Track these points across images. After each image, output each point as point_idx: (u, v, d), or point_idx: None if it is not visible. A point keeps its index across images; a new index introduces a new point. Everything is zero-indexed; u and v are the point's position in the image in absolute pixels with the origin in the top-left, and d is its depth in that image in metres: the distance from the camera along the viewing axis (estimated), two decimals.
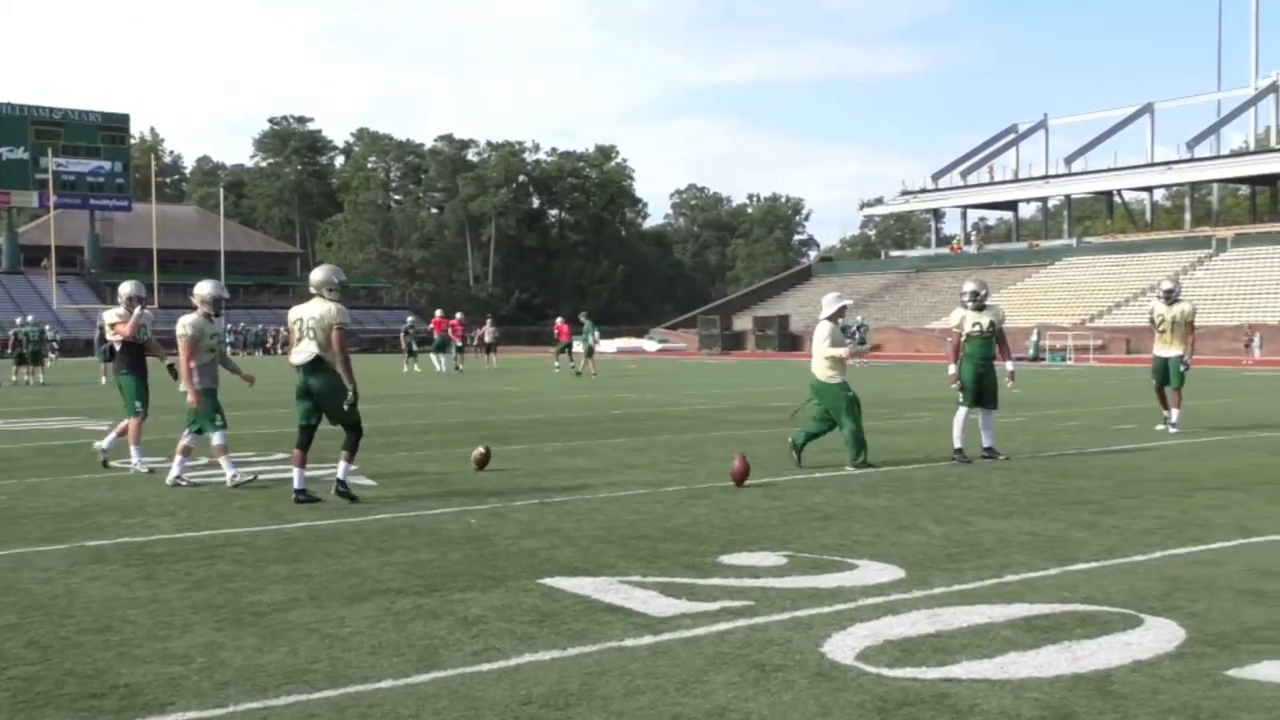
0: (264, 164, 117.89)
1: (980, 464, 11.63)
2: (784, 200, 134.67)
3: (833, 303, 11.83)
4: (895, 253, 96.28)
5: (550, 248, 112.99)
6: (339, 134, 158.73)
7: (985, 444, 12.12)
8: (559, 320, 39.60)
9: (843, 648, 5.03)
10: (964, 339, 12.24)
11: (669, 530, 7.98)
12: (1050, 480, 10.45)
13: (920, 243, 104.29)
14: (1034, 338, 51.31)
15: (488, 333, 42.68)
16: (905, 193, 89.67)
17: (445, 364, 36.07)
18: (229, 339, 66.60)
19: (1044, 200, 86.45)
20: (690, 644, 5.12)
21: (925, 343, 56.20)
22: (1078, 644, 5.07)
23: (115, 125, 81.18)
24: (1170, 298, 15.45)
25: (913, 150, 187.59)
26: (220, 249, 73.32)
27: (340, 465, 9.36)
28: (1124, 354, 52.38)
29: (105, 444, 11.90)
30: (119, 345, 11.67)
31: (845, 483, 10.32)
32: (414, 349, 39.69)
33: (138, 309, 11.66)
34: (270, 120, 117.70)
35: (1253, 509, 8.77)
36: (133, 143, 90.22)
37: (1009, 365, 12.55)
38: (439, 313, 39.43)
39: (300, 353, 9.31)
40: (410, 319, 45.22)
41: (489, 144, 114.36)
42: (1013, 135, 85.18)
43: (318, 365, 9.25)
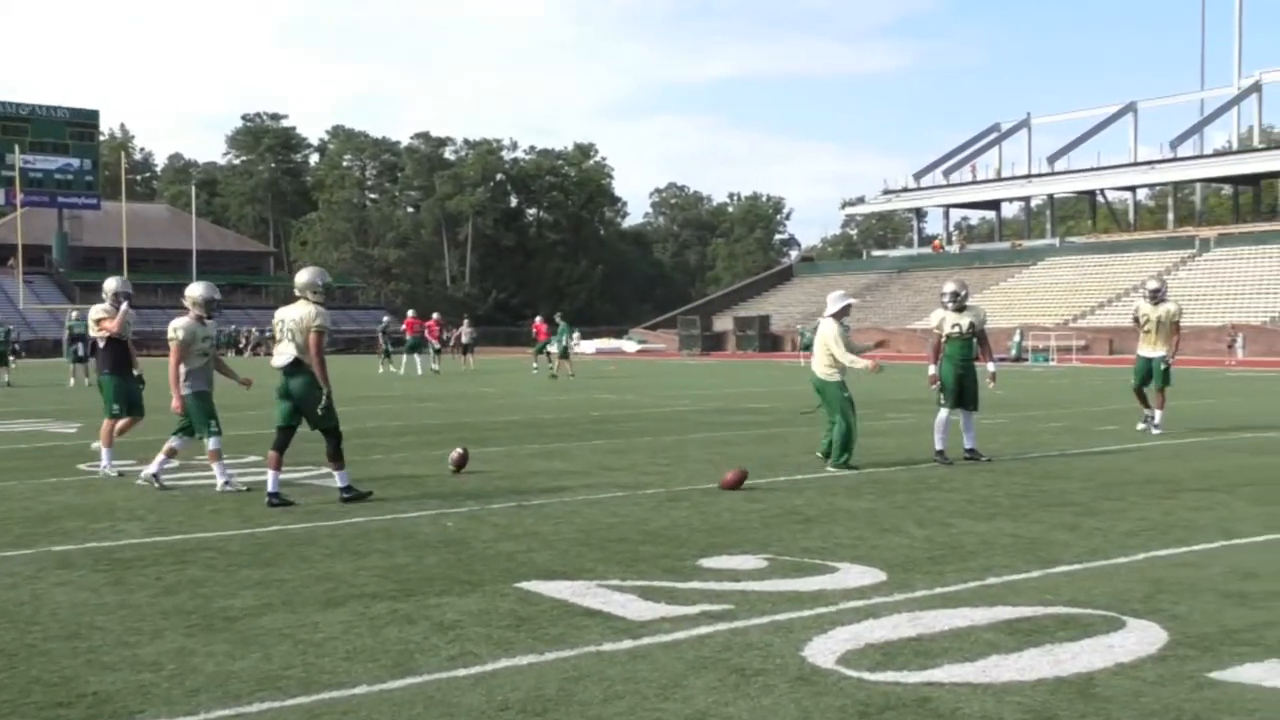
0: (237, 161, 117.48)
1: (962, 465, 11.67)
2: (765, 199, 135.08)
3: (837, 300, 11.81)
4: (877, 252, 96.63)
5: (528, 247, 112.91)
6: (313, 131, 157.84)
7: (967, 445, 12.17)
8: (537, 320, 39.61)
9: (824, 651, 5.04)
10: (944, 340, 12.28)
11: (648, 533, 7.98)
12: (1032, 482, 10.50)
13: (902, 242, 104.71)
14: (1016, 338, 51.56)
15: (465, 333, 42.61)
16: (887, 192, 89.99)
17: (421, 365, 36.14)
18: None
19: (1027, 200, 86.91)
20: (670, 648, 5.12)
21: (907, 343, 56.39)
22: (1060, 647, 5.09)
23: (84, 121, 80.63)
24: (1156, 297, 15.45)
25: (895, 149, 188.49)
26: (192, 248, 73.05)
27: (336, 476, 9.54)
28: (1107, 354, 52.70)
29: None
30: (102, 343, 11.43)
31: (827, 485, 10.34)
32: (390, 350, 39.72)
33: (124, 305, 11.52)
34: (243, 117, 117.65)
35: (1235, 510, 8.83)
36: (102, 139, 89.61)
37: (990, 366, 12.61)
38: (411, 313, 39.77)
39: (280, 355, 9.43)
40: (386, 319, 45.21)
41: (466, 142, 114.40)
42: (995, 134, 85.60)
43: (297, 367, 9.34)
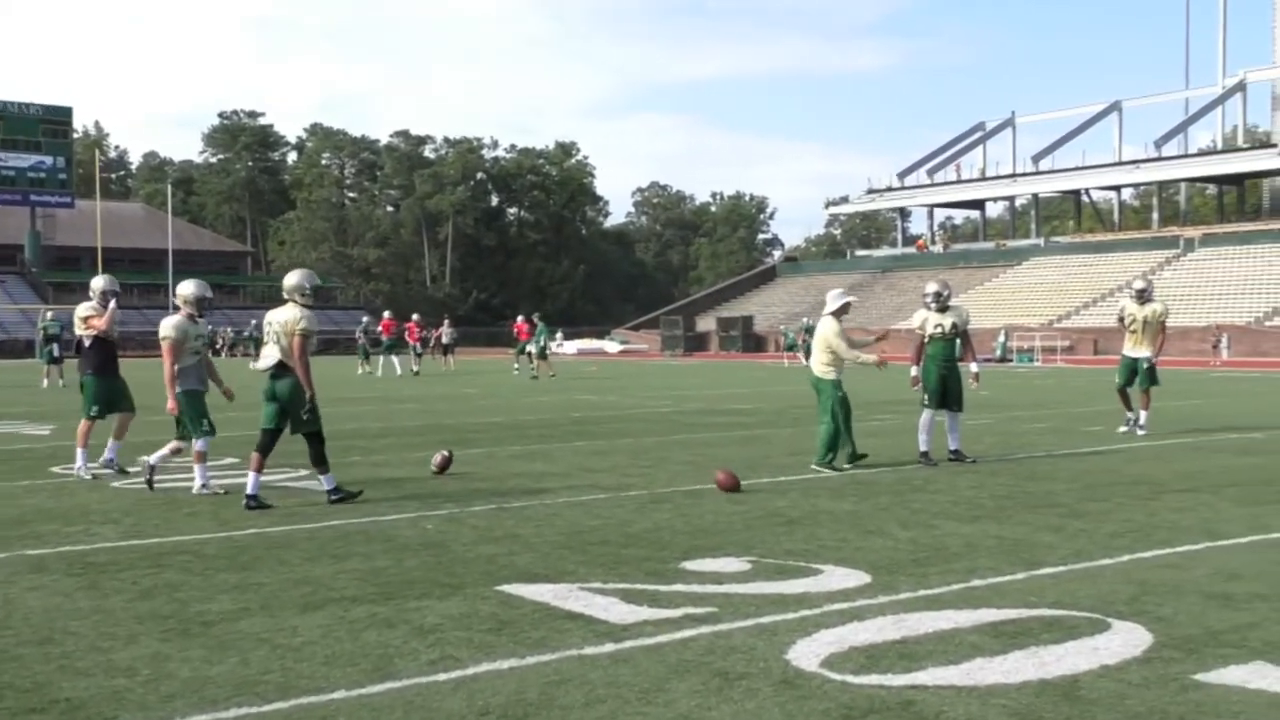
0: (213, 160, 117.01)
1: (946, 467, 11.71)
2: (748, 199, 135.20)
3: (837, 298, 11.90)
4: (861, 252, 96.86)
5: (509, 247, 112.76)
6: (291, 129, 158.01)
7: (952, 447, 12.20)
8: (519, 319, 39.59)
9: (807, 655, 5.05)
10: (926, 340, 12.32)
11: (630, 535, 7.98)
12: (1017, 483, 10.53)
13: (886, 242, 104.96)
14: (1001, 339, 51.74)
15: (445, 334, 42.54)
16: (871, 191, 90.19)
17: (400, 366, 36.20)
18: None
19: (1011, 199, 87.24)
20: (652, 652, 5.12)
21: (891, 344, 56.57)
22: (1045, 649, 5.11)
23: (57, 118, 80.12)
24: (1143, 297, 15.46)
25: (878, 148, 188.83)
26: (168, 247, 72.71)
27: (322, 480, 9.58)
28: (1092, 355, 52.92)
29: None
30: (88, 341, 11.35)
31: (810, 487, 10.36)
32: (369, 351, 39.70)
33: (113, 303, 11.48)
34: (220, 114, 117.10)
35: (1220, 511, 8.88)
36: (76, 137, 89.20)
37: (973, 367, 12.66)
38: (387, 314, 40.16)
39: (265, 357, 9.52)
40: (365, 319, 45.17)
41: (446, 140, 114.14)
42: (980, 133, 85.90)
43: (282, 370, 9.41)
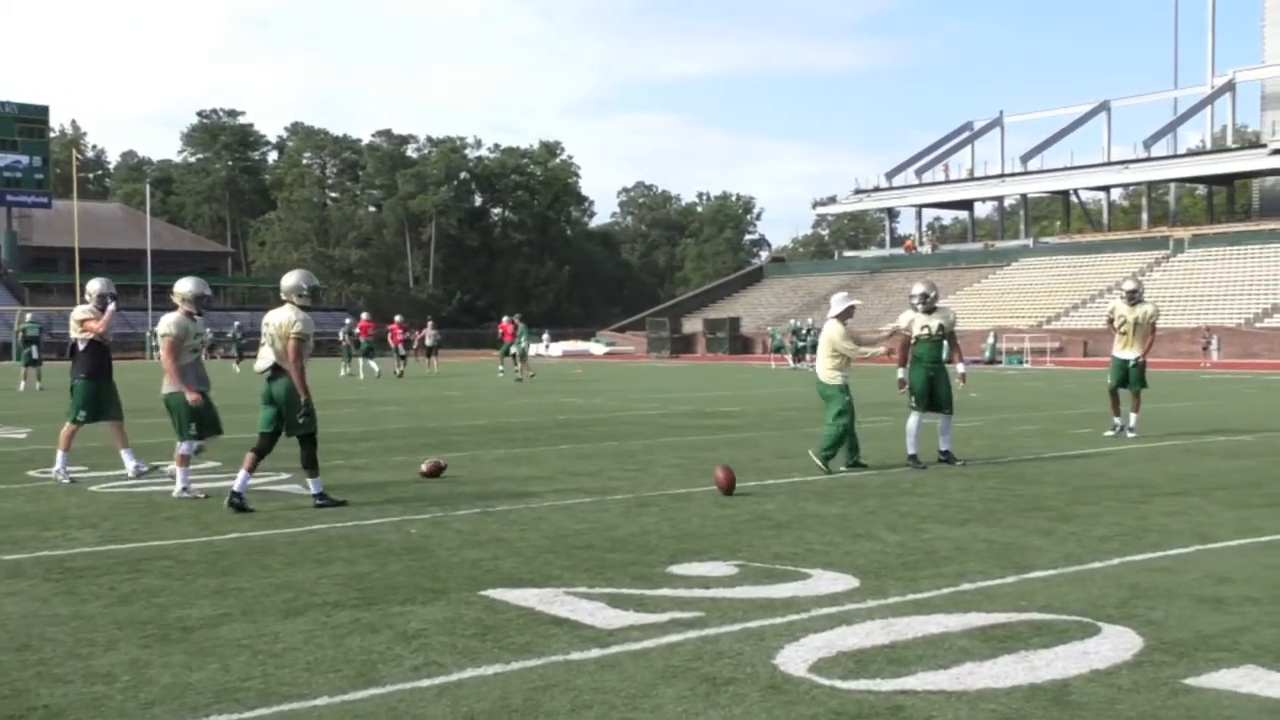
0: (193, 159, 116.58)
1: (935, 470, 11.74)
2: (734, 199, 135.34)
3: (841, 301, 12.01)
4: (849, 253, 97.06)
5: (493, 248, 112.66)
6: (272, 128, 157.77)
7: (942, 447, 12.24)
8: (504, 320, 39.59)
9: (795, 659, 5.06)
10: (913, 342, 12.36)
11: (616, 540, 7.98)
12: (1007, 486, 10.57)
13: (874, 243, 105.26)
14: (990, 340, 51.88)
15: (428, 336, 42.51)
16: (859, 191, 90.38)
17: (377, 368, 36.42)
18: (154, 343, 65.67)
19: (1000, 199, 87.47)
20: (639, 657, 5.12)
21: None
22: (1035, 654, 5.13)
23: (34, 117, 79.80)
24: (1133, 298, 15.45)
25: (866, 148, 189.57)
26: (147, 248, 72.45)
27: (310, 484, 9.55)
28: (1081, 356, 53.10)
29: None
30: (83, 345, 11.34)
31: (797, 490, 10.38)
32: (351, 352, 39.78)
33: (111, 306, 11.48)
34: (199, 113, 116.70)
35: (1210, 514, 8.92)
36: (53, 136, 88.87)
37: (960, 367, 12.70)
38: (365, 316, 40.44)
39: (261, 360, 9.54)
40: (348, 321, 45.10)
41: (429, 139, 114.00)
42: (968, 133, 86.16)
43: (278, 373, 9.44)
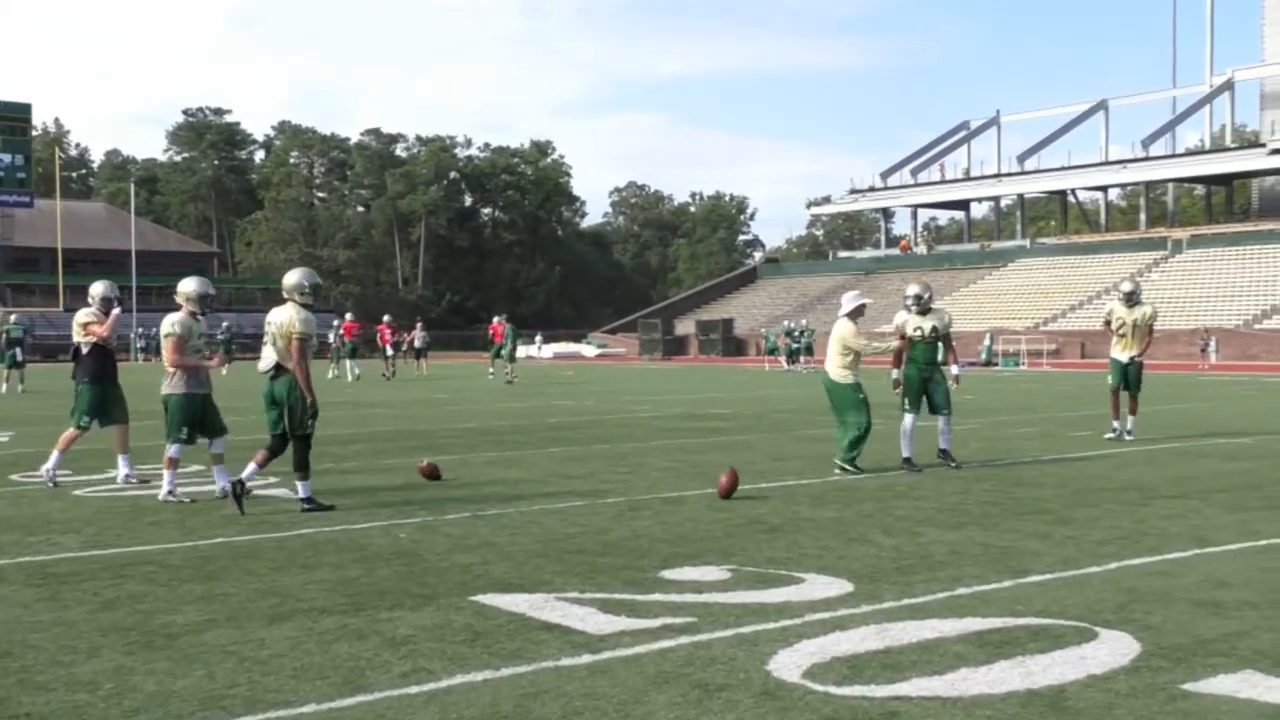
0: (178, 158, 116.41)
1: (931, 473, 11.74)
2: (728, 199, 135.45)
3: (852, 300, 12.06)
4: (844, 253, 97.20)
5: (483, 248, 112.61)
6: (259, 127, 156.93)
7: (941, 445, 12.26)
8: (495, 320, 39.55)
9: (789, 665, 5.06)
10: (909, 343, 12.37)
11: (608, 544, 7.98)
12: (1003, 489, 10.58)
13: (869, 243, 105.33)
14: (987, 342, 51.95)
15: (417, 337, 42.44)
16: (854, 191, 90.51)
17: (358, 370, 36.52)
18: (140, 344, 65.54)
19: (996, 200, 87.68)
20: (630, 663, 5.12)
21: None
22: (1031, 659, 5.13)
23: (16, 115, 79.32)
24: (1131, 300, 15.44)
25: (861, 148, 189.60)
26: (131, 248, 72.35)
27: (299, 486, 9.54)
28: (1079, 358, 53.22)
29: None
30: (86, 349, 11.30)
31: (791, 493, 10.38)
32: (340, 354, 39.77)
33: (116, 309, 11.47)
34: (185, 112, 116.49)
35: (1209, 518, 8.94)
36: (35, 134, 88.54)
37: (954, 369, 12.73)
38: (349, 317, 40.49)
39: (263, 360, 9.57)
40: (336, 322, 45.04)
41: (418, 139, 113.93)
42: (964, 132, 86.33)
43: (280, 372, 9.46)
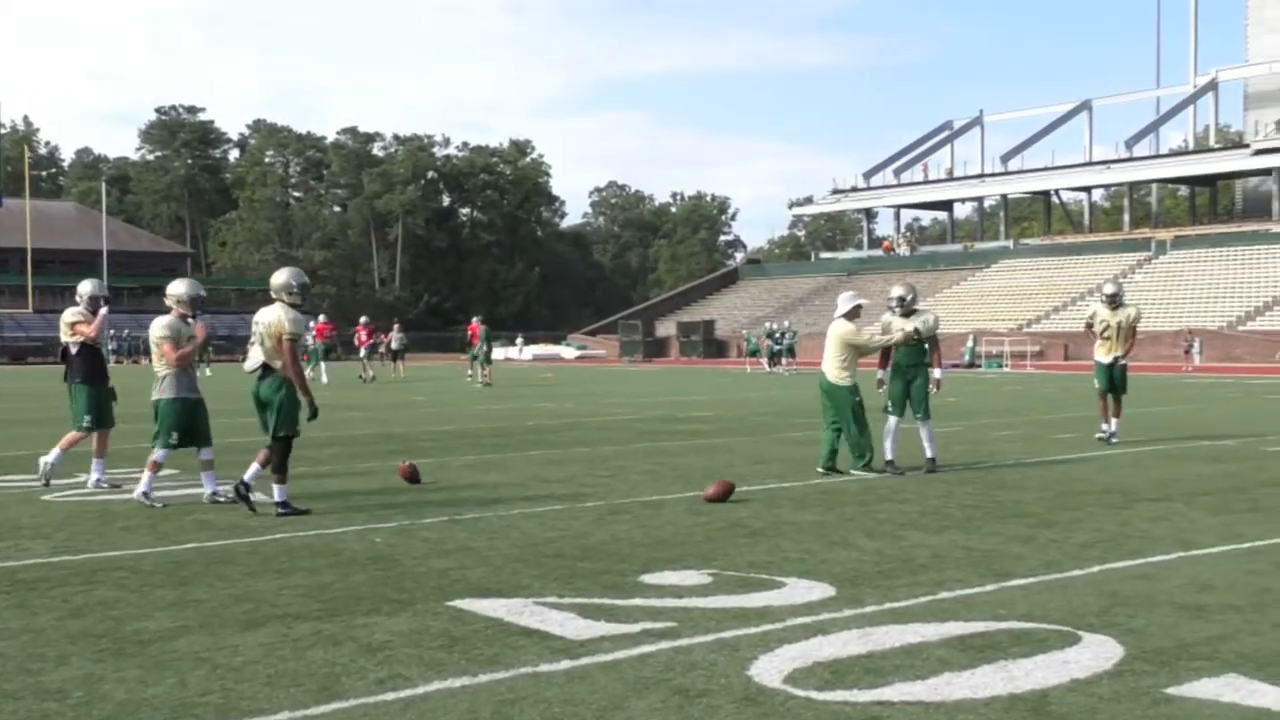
0: (151, 157, 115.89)
1: (914, 476, 11.77)
2: (709, 199, 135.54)
3: (848, 301, 12.13)
4: (826, 254, 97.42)
5: (461, 249, 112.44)
6: (233, 125, 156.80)
7: (929, 454, 12.22)
8: (474, 321, 39.47)
9: (770, 670, 5.06)
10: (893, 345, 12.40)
11: (587, 548, 7.97)
12: (986, 492, 10.61)
13: (852, 244, 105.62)
14: (970, 344, 52.12)
15: (394, 339, 42.34)
16: (836, 191, 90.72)
17: (327, 372, 36.68)
18: (111, 347, 65.24)
19: (980, 200, 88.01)
20: (610, 668, 5.12)
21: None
22: (1014, 663, 5.15)
23: None
24: (1114, 302, 15.48)
25: (843, 147, 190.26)
26: (103, 248, 71.97)
27: (275, 490, 9.50)
28: (1062, 360, 53.46)
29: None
30: (75, 348, 11.24)
31: (772, 497, 10.39)
32: (318, 356, 39.63)
33: (103, 309, 11.43)
34: (157, 110, 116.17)
35: (1192, 521, 8.99)
36: (3, 132, 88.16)
37: (936, 373, 12.74)
38: (321, 318, 40.19)
39: (250, 360, 9.56)
40: (312, 324, 44.95)
41: (396, 138, 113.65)
42: (947, 132, 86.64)
43: (266, 372, 9.45)
